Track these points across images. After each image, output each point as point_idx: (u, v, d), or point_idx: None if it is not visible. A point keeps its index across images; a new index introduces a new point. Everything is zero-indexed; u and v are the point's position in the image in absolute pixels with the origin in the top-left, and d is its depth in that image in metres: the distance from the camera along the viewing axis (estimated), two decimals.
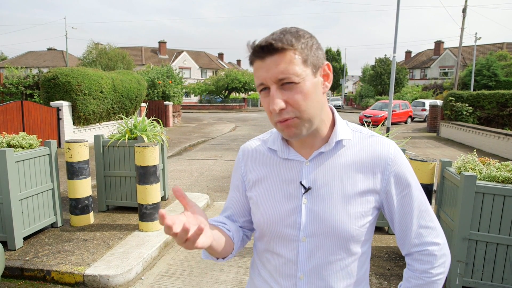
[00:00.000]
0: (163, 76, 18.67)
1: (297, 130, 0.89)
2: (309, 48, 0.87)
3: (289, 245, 0.98)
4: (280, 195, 0.99)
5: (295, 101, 0.85)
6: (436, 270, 0.98)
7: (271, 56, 0.84)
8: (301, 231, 0.96)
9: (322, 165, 0.97)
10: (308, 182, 0.96)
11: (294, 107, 0.86)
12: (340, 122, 0.99)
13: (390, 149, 0.98)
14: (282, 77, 0.84)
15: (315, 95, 0.88)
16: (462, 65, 37.27)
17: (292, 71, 0.83)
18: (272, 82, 0.85)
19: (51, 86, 10.11)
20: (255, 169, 1.06)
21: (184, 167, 8.49)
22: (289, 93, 0.85)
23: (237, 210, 1.12)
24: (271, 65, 0.84)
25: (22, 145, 3.77)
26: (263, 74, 0.86)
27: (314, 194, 0.96)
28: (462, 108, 13.74)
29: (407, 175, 0.98)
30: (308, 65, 0.86)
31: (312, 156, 0.98)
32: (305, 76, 0.85)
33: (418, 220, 0.98)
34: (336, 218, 0.94)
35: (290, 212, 0.97)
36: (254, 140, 1.12)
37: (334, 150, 0.97)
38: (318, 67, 0.89)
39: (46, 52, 46.77)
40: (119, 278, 3.15)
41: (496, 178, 2.84)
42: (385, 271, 3.42)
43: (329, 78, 0.93)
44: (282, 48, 0.83)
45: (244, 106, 36.49)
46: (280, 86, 0.85)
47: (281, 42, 0.83)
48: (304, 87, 0.85)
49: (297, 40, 0.85)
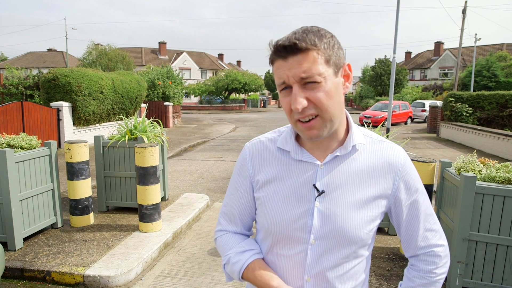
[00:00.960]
0: (163, 77, 18.67)
1: (319, 132, 0.89)
2: (331, 48, 0.87)
3: (297, 247, 0.97)
4: (292, 197, 0.98)
5: (317, 98, 0.85)
6: (439, 270, 1.01)
7: (294, 56, 0.84)
8: (311, 234, 0.95)
9: (336, 169, 0.97)
10: (322, 185, 0.96)
11: (316, 105, 0.86)
12: (355, 126, 0.99)
13: (400, 156, 0.99)
14: (305, 76, 0.83)
15: (337, 95, 0.88)
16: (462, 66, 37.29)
17: (315, 71, 0.83)
18: (294, 81, 0.85)
19: (51, 86, 10.12)
20: (264, 169, 1.03)
21: (184, 167, 8.49)
22: (311, 92, 0.85)
23: (246, 213, 1.09)
24: (294, 65, 0.84)
25: (22, 146, 3.77)
26: (286, 72, 0.85)
27: (327, 197, 0.95)
28: (462, 109, 13.75)
29: (416, 181, 1.00)
30: (330, 65, 0.86)
31: (327, 159, 0.97)
32: (327, 75, 0.85)
33: (424, 224, 1.01)
34: (347, 222, 0.94)
35: (301, 214, 0.96)
36: (260, 138, 1.09)
37: (348, 154, 0.97)
38: (340, 67, 0.89)
39: (46, 52, 46.80)
40: (119, 279, 3.15)
41: (496, 179, 2.84)
42: (385, 271, 3.42)
43: (349, 79, 0.93)
44: (306, 48, 0.83)
45: (244, 107, 36.50)
46: (302, 85, 0.85)
47: (304, 42, 0.83)
48: (326, 86, 0.85)
49: (320, 40, 0.85)
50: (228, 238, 1.10)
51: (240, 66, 65.08)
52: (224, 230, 1.12)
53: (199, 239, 4.20)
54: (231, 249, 1.06)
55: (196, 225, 4.68)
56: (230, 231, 1.11)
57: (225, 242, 1.10)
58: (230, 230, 1.11)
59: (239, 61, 67.07)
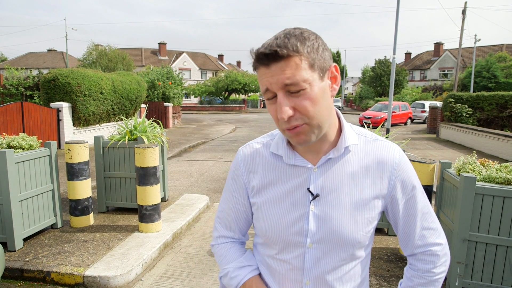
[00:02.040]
0: (163, 77, 18.68)
1: (307, 137, 0.87)
2: (315, 51, 0.83)
3: (295, 252, 0.97)
4: (286, 201, 0.97)
5: (304, 107, 0.82)
6: (438, 270, 1.00)
7: (277, 63, 0.81)
8: (308, 238, 0.94)
9: (329, 171, 0.95)
10: (316, 189, 0.95)
11: (302, 114, 0.83)
12: (347, 126, 0.98)
13: (395, 154, 0.97)
14: (289, 83, 0.80)
15: (323, 100, 0.85)
16: (462, 66, 37.32)
17: (299, 77, 0.80)
18: (278, 89, 0.82)
19: (51, 87, 10.12)
20: (258, 175, 1.02)
21: (184, 168, 8.49)
22: (296, 100, 0.82)
23: (245, 222, 1.11)
24: (277, 71, 0.81)
25: (22, 146, 3.77)
26: (269, 80, 0.83)
27: (322, 200, 0.95)
28: (462, 109, 13.75)
29: (412, 179, 0.98)
30: (315, 69, 0.83)
31: (320, 162, 0.96)
32: (313, 81, 0.82)
33: (421, 222, 0.99)
34: (343, 225, 0.93)
35: (297, 218, 0.95)
36: (253, 143, 1.07)
37: (341, 155, 0.96)
38: (326, 70, 0.86)
39: (46, 53, 46.83)
40: (119, 279, 3.15)
41: (495, 180, 2.84)
42: (384, 272, 3.42)
43: (337, 80, 0.90)
44: (287, 55, 0.80)
45: (244, 107, 36.52)
46: (287, 92, 0.82)
47: (286, 49, 0.79)
48: (312, 92, 0.82)
49: (302, 44, 0.81)
50: (227, 249, 1.11)
51: (240, 67, 65.07)
52: (222, 237, 1.13)
53: (199, 240, 4.20)
54: (230, 263, 1.08)
55: (196, 226, 4.68)
56: (227, 236, 1.13)
57: (224, 253, 1.11)
58: (227, 235, 1.12)
59: (239, 61, 67.10)
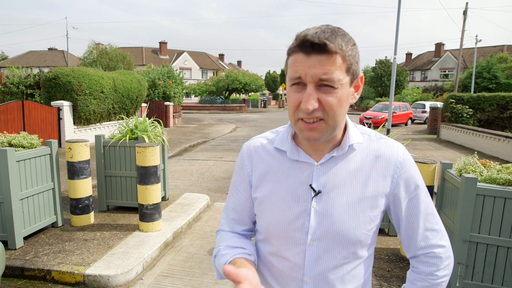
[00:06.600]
0: (164, 77, 18.68)
1: (319, 134, 0.87)
2: (353, 56, 0.84)
3: (296, 249, 0.96)
4: (288, 197, 0.97)
5: (329, 104, 0.83)
6: (441, 272, 0.98)
7: (318, 55, 0.80)
8: (309, 235, 0.94)
9: (332, 169, 0.95)
10: (318, 186, 0.95)
11: (325, 109, 0.84)
12: (352, 125, 0.98)
13: (399, 153, 0.97)
14: (325, 78, 0.81)
15: (346, 104, 0.87)
16: (463, 67, 37.29)
17: (335, 76, 0.81)
18: (311, 80, 0.82)
19: (52, 86, 10.12)
20: (261, 168, 1.02)
21: (185, 167, 8.49)
22: (323, 95, 0.83)
23: (246, 213, 1.08)
24: (316, 64, 0.80)
25: (23, 145, 3.78)
26: (305, 69, 0.81)
27: (323, 197, 0.94)
28: (463, 110, 13.75)
29: (416, 178, 0.97)
30: (349, 73, 0.84)
31: (323, 159, 0.96)
32: (344, 83, 0.83)
33: (424, 223, 0.97)
34: (345, 222, 0.93)
35: (298, 215, 0.95)
36: (258, 138, 1.08)
37: (345, 154, 0.96)
38: (356, 77, 0.87)
39: (47, 52, 46.80)
40: (120, 278, 3.15)
41: (496, 181, 2.84)
42: (385, 272, 3.42)
43: (358, 90, 0.92)
44: (334, 51, 0.80)
45: (244, 107, 36.50)
46: (317, 86, 0.83)
47: (334, 45, 0.80)
48: (340, 93, 0.83)
49: (346, 46, 0.82)
50: (226, 233, 1.10)
51: (241, 66, 65.09)
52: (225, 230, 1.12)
53: (200, 239, 4.20)
54: (224, 242, 1.05)
55: (197, 225, 4.68)
56: (231, 231, 1.11)
57: (221, 236, 1.09)
58: (231, 230, 1.11)
59: (239, 61, 67.08)
